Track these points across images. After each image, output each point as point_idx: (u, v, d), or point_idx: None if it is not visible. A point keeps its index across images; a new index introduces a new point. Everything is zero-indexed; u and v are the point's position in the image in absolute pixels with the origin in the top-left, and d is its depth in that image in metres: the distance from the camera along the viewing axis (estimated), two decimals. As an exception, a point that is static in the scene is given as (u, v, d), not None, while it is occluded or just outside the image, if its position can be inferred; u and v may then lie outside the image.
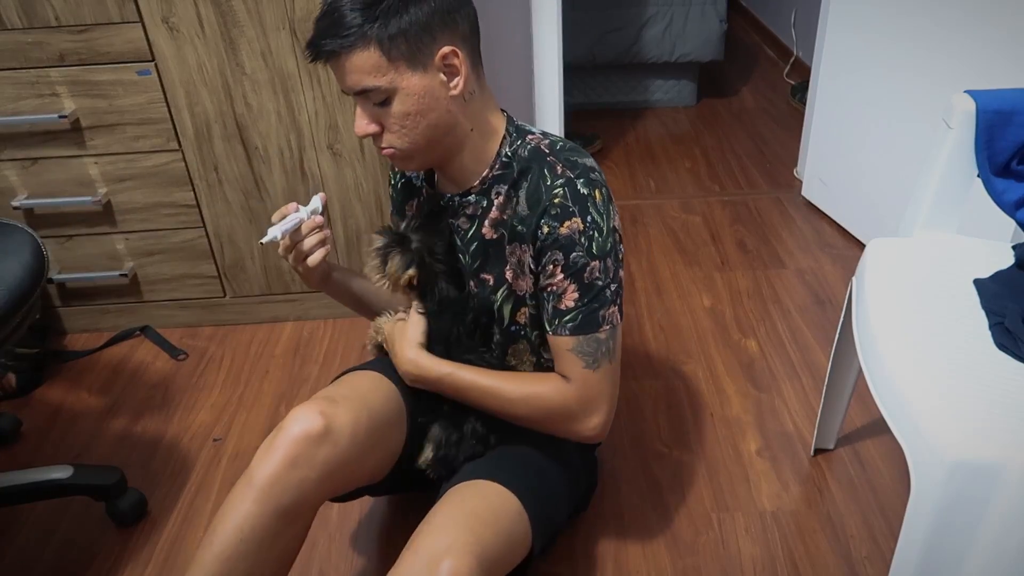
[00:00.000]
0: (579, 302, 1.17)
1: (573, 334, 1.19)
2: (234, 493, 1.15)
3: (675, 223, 2.53)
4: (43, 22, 1.73)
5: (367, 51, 1.07)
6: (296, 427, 1.15)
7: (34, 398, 1.93)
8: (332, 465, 1.16)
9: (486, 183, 1.22)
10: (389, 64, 1.08)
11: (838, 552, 1.46)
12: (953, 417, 1.02)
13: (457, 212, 1.26)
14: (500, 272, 1.25)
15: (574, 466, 1.40)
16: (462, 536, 1.09)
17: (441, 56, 1.10)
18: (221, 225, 2.00)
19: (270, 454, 1.14)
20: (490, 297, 1.28)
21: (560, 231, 1.15)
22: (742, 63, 3.85)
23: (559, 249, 1.16)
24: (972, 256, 1.31)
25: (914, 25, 1.99)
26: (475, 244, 1.26)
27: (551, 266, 1.17)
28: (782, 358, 1.94)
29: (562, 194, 1.15)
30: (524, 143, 1.21)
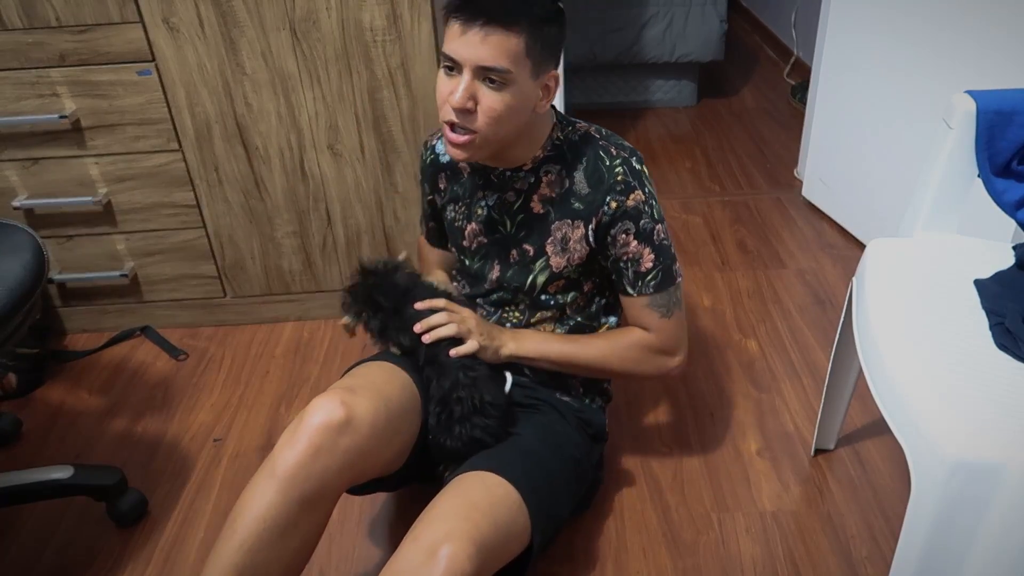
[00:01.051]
0: (656, 262, 1.33)
1: (657, 291, 1.34)
2: (255, 482, 1.16)
3: (675, 223, 2.53)
4: (43, 22, 1.73)
5: (518, 36, 1.15)
6: (318, 417, 1.17)
7: (34, 398, 1.93)
8: (353, 454, 1.18)
9: (536, 163, 1.33)
10: (524, 58, 1.17)
11: (838, 552, 1.46)
12: (953, 417, 1.02)
13: (505, 185, 1.35)
14: (541, 245, 1.35)
15: (579, 461, 1.41)
16: (460, 524, 1.11)
17: (551, 76, 1.24)
18: (221, 225, 2.00)
19: (293, 444, 1.15)
20: (529, 267, 1.37)
21: (627, 203, 1.29)
22: (742, 63, 3.85)
23: (629, 219, 1.30)
24: (972, 256, 1.31)
25: (914, 25, 1.99)
26: (521, 216, 1.36)
27: (623, 235, 1.31)
28: (782, 358, 1.94)
29: (622, 171, 1.30)
30: (574, 130, 1.35)
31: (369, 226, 2.01)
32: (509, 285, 1.39)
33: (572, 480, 1.38)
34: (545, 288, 1.38)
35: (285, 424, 1.79)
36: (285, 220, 2.00)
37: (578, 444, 1.41)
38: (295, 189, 1.95)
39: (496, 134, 1.22)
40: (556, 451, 1.35)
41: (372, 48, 1.78)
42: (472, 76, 1.16)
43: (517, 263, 1.37)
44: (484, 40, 1.14)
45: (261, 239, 2.02)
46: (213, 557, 1.14)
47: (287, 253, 2.05)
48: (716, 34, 3.17)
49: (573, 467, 1.39)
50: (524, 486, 1.23)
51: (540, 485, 1.27)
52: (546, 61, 1.21)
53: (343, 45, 1.78)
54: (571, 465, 1.38)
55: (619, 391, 1.85)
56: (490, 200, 1.37)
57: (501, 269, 1.39)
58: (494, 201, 1.37)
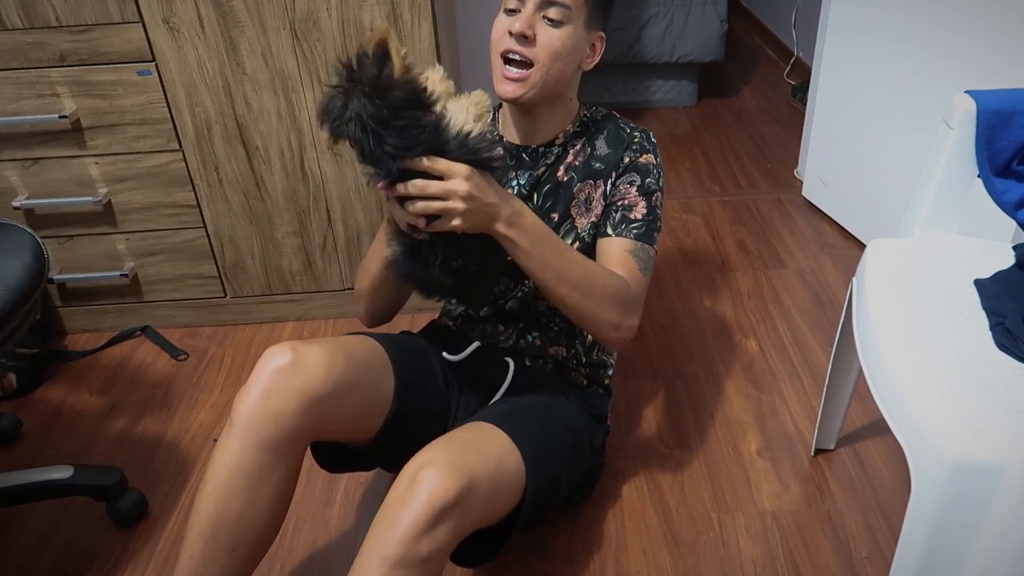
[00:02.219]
0: (646, 217, 1.37)
1: (636, 240, 1.36)
2: (220, 438, 1.20)
3: (675, 223, 2.53)
4: (44, 22, 1.73)
5: None
6: (268, 363, 1.20)
7: (34, 398, 1.93)
8: (307, 396, 1.18)
9: (567, 137, 1.41)
10: (584, 6, 1.28)
11: (838, 552, 1.46)
12: (954, 417, 1.02)
13: (537, 161, 1.41)
14: (566, 209, 1.41)
15: (577, 431, 1.41)
16: (442, 452, 1.13)
17: (598, 36, 1.36)
18: (221, 225, 2.00)
19: (245, 392, 1.19)
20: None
21: (639, 160, 1.39)
22: (742, 63, 3.85)
23: (637, 172, 1.38)
24: (972, 256, 1.31)
25: (914, 25, 1.99)
26: (548, 186, 1.41)
27: (626, 185, 1.38)
28: (782, 358, 1.94)
29: (640, 137, 1.42)
30: (596, 110, 1.46)
31: (369, 226, 2.01)
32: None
33: (570, 444, 1.38)
34: None
35: (285, 424, 1.80)
36: (285, 220, 2.00)
37: (576, 416, 1.42)
38: (295, 189, 1.95)
39: (550, 72, 1.29)
40: (553, 414, 1.37)
41: (372, 48, 1.78)
42: (535, 9, 1.25)
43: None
44: None
45: (261, 239, 2.02)
46: (192, 514, 1.18)
47: (287, 253, 2.05)
48: (716, 34, 3.17)
49: (571, 434, 1.39)
50: (512, 430, 1.24)
51: (534, 433, 1.27)
52: (599, 17, 1.33)
53: (343, 45, 1.78)
54: (568, 431, 1.38)
55: (619, 391, 1.85)
56: (521, 179, 1.41)
57: None
58: (525, 179, 1.41)
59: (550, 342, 1.47)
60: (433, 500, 1.07)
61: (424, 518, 1.06)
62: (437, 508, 1.07)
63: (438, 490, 1.07)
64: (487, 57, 1.32)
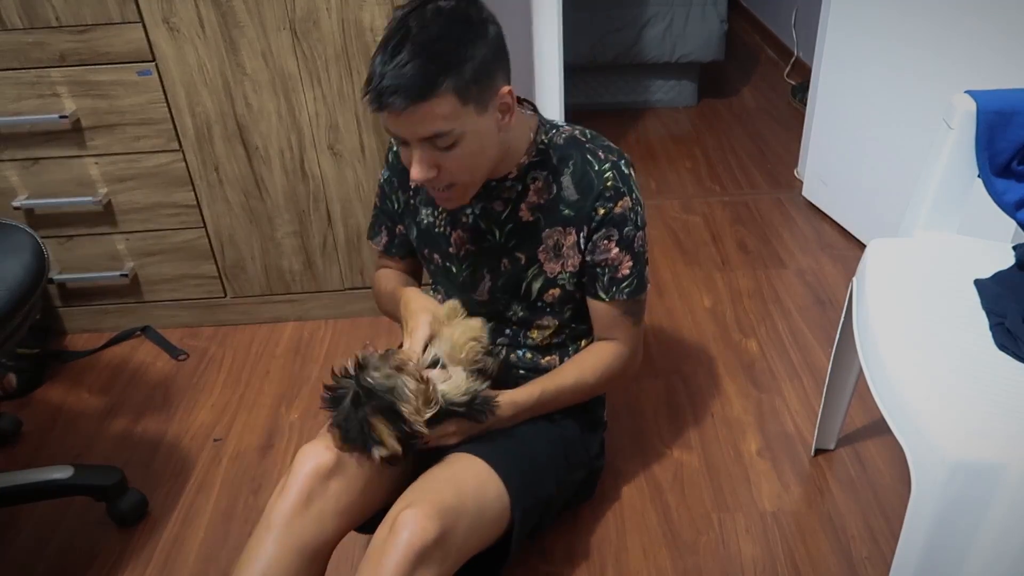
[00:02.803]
0: (633, 269, 1.32)
1: (630, 297, 1.33)
2: (253, 538, 1.16)
3: (675, 223, 2.53)
4: (44, 22, 1.73)
5: (444, 98, 1.08)
6: (307, 464, 1.17)
7: (34, 398, 1.93)
8: (346, 497, 1.18)
9: (522, 169, 1.29)
10: (463, 109, 1.11)
11: (839, 552, 1.46)
12: (954, 417, 1.02)
13: (492, 194, 1.31)
14: (533, 253, 1.33)
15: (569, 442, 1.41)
16: (420, 495, 1.15)
17: (501, 97, 1.16)
18: (222, 225, 2.00)
19: (285, 494, 1.16)
20: (521, 275, 1.34)
21: (615, 210, 1.28)
22: (743, 63, 3.85)
23: (614, 226, 1.29)
24: (973, 256, 1.31)
25: (914, 25, 1.98)
26: (510, 225, 1.32)
27: (605, 241, 1.29)
28: (783, 358, 1.94)
29: (612, 176, 1.27)
30: (558, 132, 1.31)
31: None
32: (503, 295, 1.37)
33: (559, 458, 1.38)
34: (541, 295, 1.36)
35: (285, 424, 1.80)
36: (285, 220, 2.00)
37: (569, 425, 1.41)
38: (295, 189, 1.95)
39: (474, 176, 1.21)
40: (539, 428, 1.35)
41: (372, 48, 1.78)
42: (425, 147, 1.13)
43: (509, 271, 1.34)
44: (412, 117, 1.09)
45: (261, 239, 2.02)
46: None
47: (287, 253, 2.05)
48: (716, 34, 3.17)
49: (561, 445, 1.39)
50: (493, 458, 1.24)
51: (517, 458, 1.27)
52: (487, 90, 1.14)
53: (343, 45, 1.78)
54: (558, 443, 1.38)
55: (619, 391, 1.85)
56: (476, 208, 1.32)
57: (493, 278, 1.36)
58: (480, 209, 1.32)
59: (542, 354, 1.43)
60: (413, 542, 1.08)
61: (407, 562, 1.07)
62: (418, 550, 1.08)
63: (417, 532, 1.08)
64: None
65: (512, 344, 1.42)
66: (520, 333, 1.41)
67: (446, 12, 1.09)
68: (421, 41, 1.06)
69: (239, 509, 1.60)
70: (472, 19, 1.10)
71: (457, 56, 1.08)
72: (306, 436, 1.77)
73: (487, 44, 1.12)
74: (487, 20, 1.13)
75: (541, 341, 1.41)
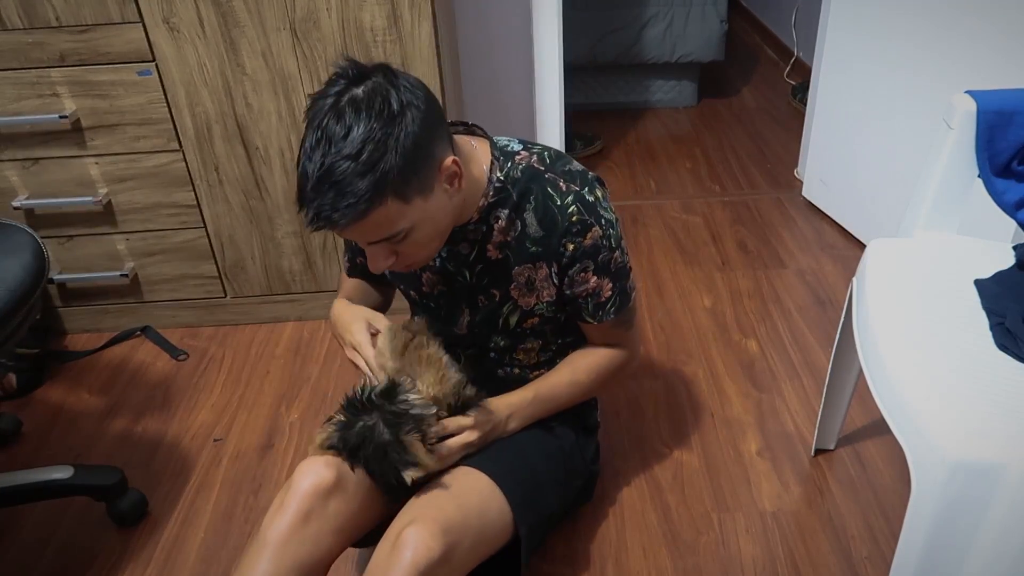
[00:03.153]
0: (614, 289, 1.29)
1: (617, 315, 1.32)
2: (249, 555, 1.14)
3: (675, 223, 2.53)
4: (44, 22, 1.73)
5: (385, 206, 1.03)
6: (306, 482, 1.15)
7: (35, 398, 1.93)
8: (344, 516, 1.17)
9: (483, 212, 1.22)
10: (408, 206, 1.06)
11: (839, 552, 1.46)
12: (954, 417, 1.02)
13: (456, 238, 1.25)
14: (505, 290, 1.29)
15: (568, 453, 1.40)
16: (423, 511, 1.13)
17: (443, 171, 1.09)
18: (222, 225, 2.00)
19: (283, 510, 1.14)
20: (497, 311, 1.31)
21: (585, 244, 1.23)
22: (743, 63, 3.85)
23: (588, 258, 1.24)
24: (973, 256, 1.31)
25: (915, 25, 1.98)
26: (480, 266, 1.28)
27: (583, 273, 1.26)
28: (783, 358, 1.94)
29: (576, 210, 1.21)
30: (514, 165, 1.23)
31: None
32: (482, 328, 1.34)
33: (560, 471, 1.38)
34: (520, 325, 1.33)
35: (285, 424, 1.80)
36: (285, 220, 2.00)
37: (566, 434, 1.41)
38: (295, 189, 1.95)
39: (433, 250, 1.16)
40: (539, 442, 1.35)
41: (372, 48, 1.78)
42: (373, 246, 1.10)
43: (485, 307, 1.31)
44: (356, 231, 1.05)
45: (261, 239, 2.02)
46: None
47: (287, 253, 2.05)
48: (716, 34, 3.17)
49: (560, 457, 1.38)
50: (495, 472, 1.23)
51: (518, 472, 1.27)
52: (428, 174, 1.07)
53: (343, 45, 1.78)
54: (558, 456, 1.38)
55: (619, 391, 1.85)
56: (442, 252, 1.28)
57: (472, 314, 1.33)
58: (446, 252, 1.28)
59: (530, 370, 1.40)
60: (418, 562, 1.07)
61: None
62: (422, 569, 1.07)
63: (421, 550, 1.07)
64: (487, 57, 1.30)
65: (498, 363, 1.40)
66: (504, 358, 1.39)
67: (363, 107, 1.00)
68: (346, 155, 0.99)
69: (239, 509, 1.60)
70: (393, 109, 1.01)
71: (387, 160, 1.00)
72: (306, 436, 1.77)
73: (416, 128, 1.03)
74: (408, 103, 1.03)
75: (528, 361, 1.39)
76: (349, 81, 1.04)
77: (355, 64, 1.05)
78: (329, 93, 1.03)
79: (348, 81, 1.04)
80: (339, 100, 1.02)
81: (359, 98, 1.01)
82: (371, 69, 1.05)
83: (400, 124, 1.02)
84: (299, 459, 1.70)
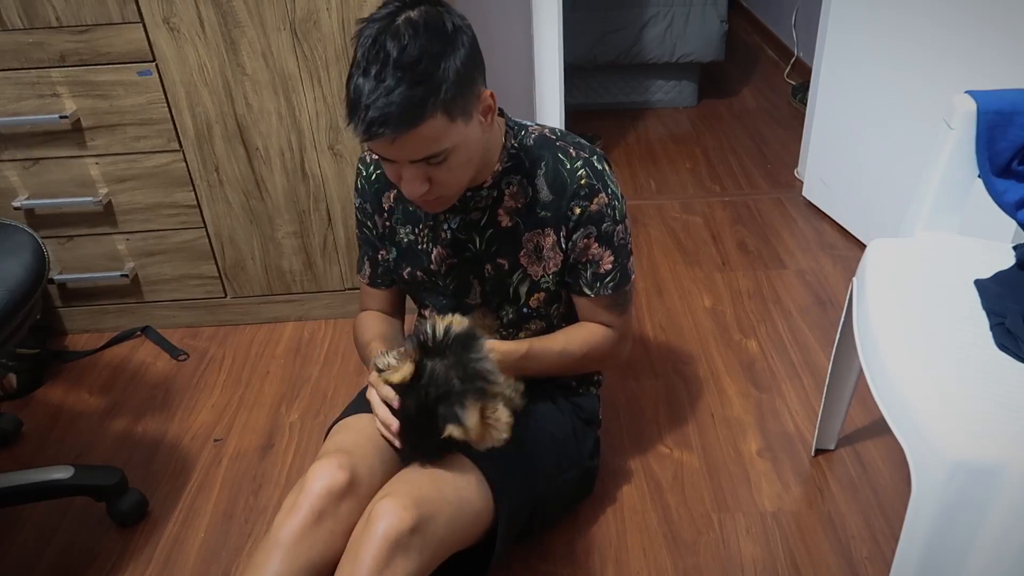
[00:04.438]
0: (615, 263, 1.32)
1: (615, 291, 1.33)
2: (260, 553, 1.14)
3: (676, 223, 2.53)
4: (44, 22, 1.73)
5: (434, 120, 1.06)
6: (319, 482, 1.16)
7: (35, 398, 1.93)
8: (355, 517, 1.18)
9: (496, 176, 1.27)
10: (452, 125, 1.09)
11: (839, 553, 1.46)
12: (954, 417, 1.02)
13: (468, 205, 1.29)
14: (515, 258, 1.32)
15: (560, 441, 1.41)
16: (397, 487, 1.15)
17: (481, 100, 1.14)
18: (222, 226, 2.00)
19: (295, 511, 1.15)
20: (506, 280, 1.34)
21: (591, 208, 1.27)
22: (743, 64, 3.85)
23: (592, 224, 1.28)
24: (973, 256, 1.31)
25: (915, 25, 1.98)
26: (489, 231, 1.31)
27: (585, 239, 1.29)
28: (783, 358, 1.94)
29: (585, 174, 1.26)
30: (527, 133, 1.30)
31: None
32: (494, 296, 1.36)
33: (548, 456, 1.38)
34: (528, 301, 1.36)
35: (285, 424, 1.80)
36: (286, 220, 2.00)
37: (561, 424, 1.42)
38: (296, 189, 1.95)
39: (462, 183, 1.19)
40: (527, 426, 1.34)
41: (372, 48, 1.78)
42: (412, 165, 1.11)
43: (494, 277, 1.34)
44: (403, 143, 1.06)
45: (262, 239, 2.02)
46: None
47: (288, 253, 2.05)
48: (716, 34, 3.17)
49: (551, 444, 1.39)
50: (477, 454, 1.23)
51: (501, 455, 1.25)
52: (471, 98, 1.11)
53: (343, 45, 1.78)
54: (550, 442, 1.38)
55: (619, 391, 1.85)
56: (452, 223, 1.31)
57: (481, 283, 1.36)
58: (457, 223, 1.31)
59: None
60: (389, 532, 1.08)
61: (384, 550, 1.08)
62: (393, 539, 1.08)
63: (393, 521, 1.09)
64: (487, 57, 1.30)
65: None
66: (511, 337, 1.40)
67: (420, 26, 1.05)
68: (403, 64, 1.02)
69: (239, 509, 1.60)
70: (447, 29, 1.06)
71: (440, 74, 1.05)
72: (306, 436, 1.77)
73: (465, 52, 1.08)
74: (460, 27, 1.09)
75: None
76: (404, 4, 1.07)
77: None
78: (381, 16, 1.07)
79: (402, 4, 1.07)
80: (393, 20, 1.05)
81: (415, 19, 1.05)
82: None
83: (453, 44, 1.07)
84: (300, 459, 1.71)
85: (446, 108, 1.06)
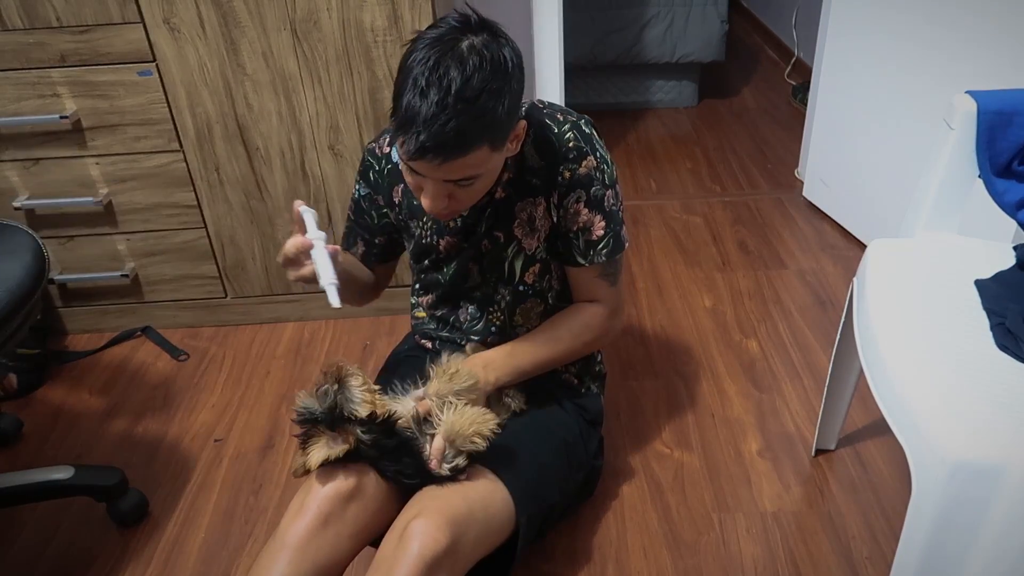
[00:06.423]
0: (607, 229, 1.31)
1: (608, 258, 1.33)
2: (266, 556, 1.15)
3: (676, 223, 2.53)
4: (44, 23, 1.73)
5: (479, 151, 1.09)
6: (326, 486, 1.17)
7: (35, 399, 1.93)
8: (361, 520, 1.18)
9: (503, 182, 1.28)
10: (491, 154, 1.12)
11: (839, 552, 1.46)
12: (954, 417, 1.02)
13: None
14: (509, 230, 1.32)
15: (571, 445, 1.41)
16: (429, 504, 1.14)
17: (516, 130, 1.17)
18: (222, 226, 2.00)
19: (302, 513, 1.15)
20: (502, 253, 1.34)
21: (579, 171, 1.26)
22: (743, 64, 3.85)
23: (581, 187, 1.27)
24: (973, 257, 1.31)
25: (915, 26, 1.98)
26: (488, 208, 1.31)
27: (575, 204, 1.28)
28: (783, 359, 1.94)
29: (572, 136, 1.26)
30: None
31: (370, 226, 2.01)
32: (490, 274, 1.37)
33: (562, 463, 1.38)
34: (523, 277, 1.36)
35: (286, 424, 1.80)
36: (286, 220, 2.00)
37: (570, 427, 1.42)
38: (296, 189, 1.95)
39: (478, 199, 1.22)
40: (542, 435, 1.36)
41: (373, 48, 1.78)
42: (440, 184, 1.13)
43: (490, 252, 1.34)
44: (444, 167, 1.09)
45: (262, 239, 2.02)
46: None
47: (288, 253, 2.05)
48: (717, 35, 3.17)
49: (564, 450, 1.39)
50: (498, 465, 1.24)
51: (521, 464, 1.28)
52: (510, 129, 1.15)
53: (344, 45, 1.78)
54: (561, 448, 1.38)
55: (619, 391, 1.85)
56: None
57: (478, 261, 1.36)
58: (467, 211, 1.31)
59: None
60: (425, 554, 1.08)
61: (418, 572, 1.07)
62: (429, 561, 1.08)
63: (428, 542, 1.09)
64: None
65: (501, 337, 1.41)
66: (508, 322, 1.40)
67: (484, 58, 1.06)
68: (465, 98, 1.04)
69: (239, 509, 1.60)
70: (507, 66, 1.09)
71: (496, 112, 1.08)
72: (306, 436, 1.77)
73: (517, 89, 1.12)
74: (516, 63, 1.11)
75: (528, 325, 1.41)
76: (465, 28, 1.09)
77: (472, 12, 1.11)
78: (442, 36, 1.07)
79: (463, 27, 1.09)
80: (456, 44, 1.06)
81: (478, 48, 1.07)
82: (484, 22, 1.11)
83: (509, 82, 1.10)
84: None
85: (492, 142, 1.10)
